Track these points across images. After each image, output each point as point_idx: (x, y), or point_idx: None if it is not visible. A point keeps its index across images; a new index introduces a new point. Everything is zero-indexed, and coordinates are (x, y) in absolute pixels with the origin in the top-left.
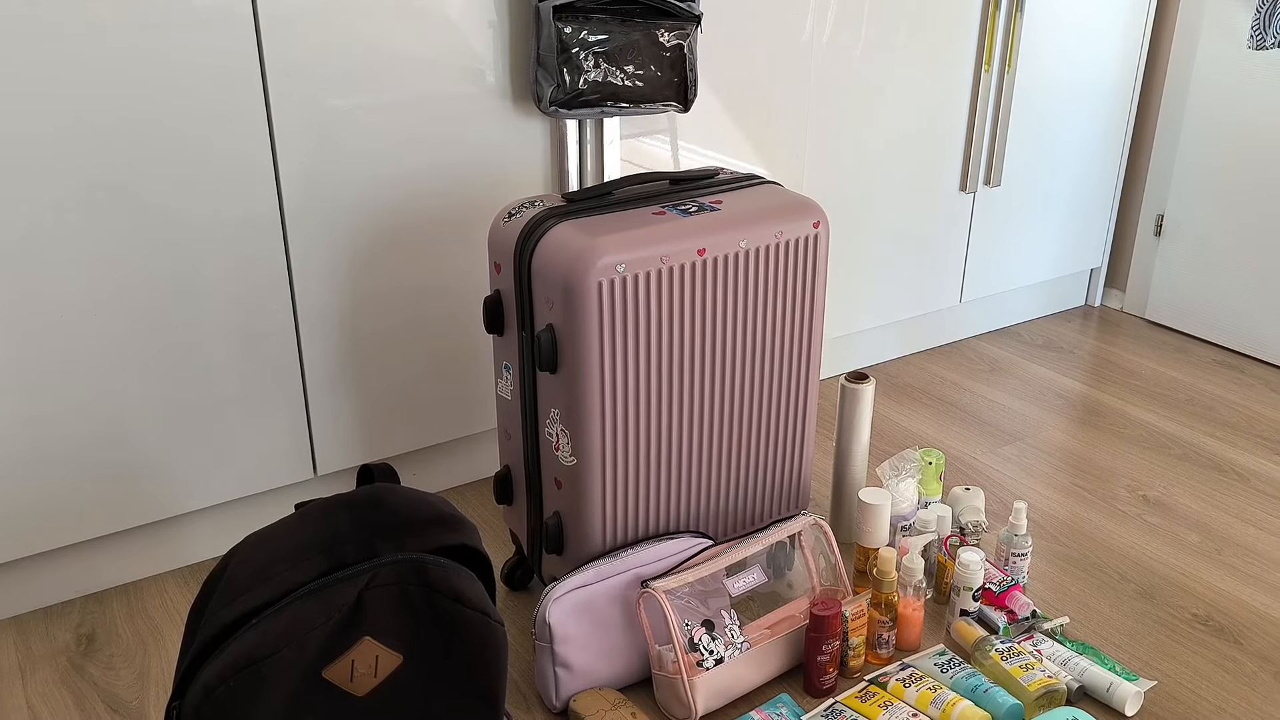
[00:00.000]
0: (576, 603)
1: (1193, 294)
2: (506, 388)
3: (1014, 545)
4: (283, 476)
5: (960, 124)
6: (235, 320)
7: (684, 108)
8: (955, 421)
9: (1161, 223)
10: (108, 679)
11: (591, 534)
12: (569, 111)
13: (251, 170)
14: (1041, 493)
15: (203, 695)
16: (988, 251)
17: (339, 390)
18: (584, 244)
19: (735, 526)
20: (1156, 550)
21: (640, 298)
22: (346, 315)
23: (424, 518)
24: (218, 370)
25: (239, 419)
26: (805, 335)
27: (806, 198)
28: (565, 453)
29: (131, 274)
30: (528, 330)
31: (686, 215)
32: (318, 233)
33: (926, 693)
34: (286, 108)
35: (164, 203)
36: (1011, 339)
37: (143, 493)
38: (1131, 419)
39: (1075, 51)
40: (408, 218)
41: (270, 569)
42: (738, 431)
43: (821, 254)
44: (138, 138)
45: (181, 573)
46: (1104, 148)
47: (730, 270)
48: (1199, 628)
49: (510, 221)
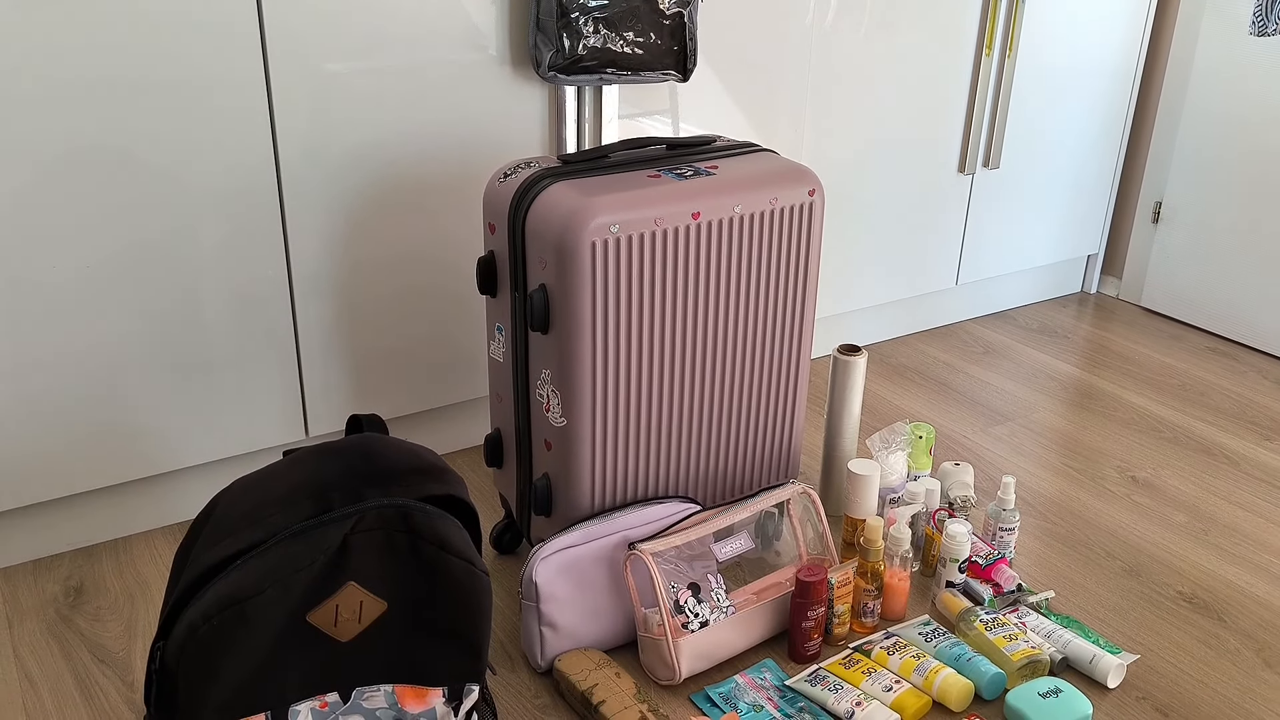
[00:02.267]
0: (563, 563)
1: (1188, 281)
2: (499, 349)
3: (1001, 520)
4: (275, 436)
5: (960, 105)
6: (230, 280)
7: (683, 77)
8: (948, 401)
9: (1159, 209)
10: (95, 630)
11: (580, 496)
12: (567, 77)
13: (249, 132)
14: (1031, 471)
15: (187, 634)
16: (985, 234)
17: (332, 352)
18: (578, 204)
19: (724, 493)
20: (1144, 529)
21: (634, 259)
22: (341, 278)
23: (411, 467)
24: (212, 329)
25: (232, 378)
26: (799, 302)
27: (802, 165)
28: (555, 414)
29: (127, 233)
30: (520, 291)
31: (681, 179)
32: (314, 195)
33: (910, 660)
34: (285, 70)
35: (160, 162)
36: (1007, 323)
37: (135, 448)
38: (1124, 403)
39: (1077, 37)
40: (404, 182)
41: (257, 512)
42: (729, 397)
43: (816, 221)
44: (134, 96)
45: (172, 529)
46: (1103, 133)
47: (724, 235)
48: (1183, 605)
49: (505, 181)
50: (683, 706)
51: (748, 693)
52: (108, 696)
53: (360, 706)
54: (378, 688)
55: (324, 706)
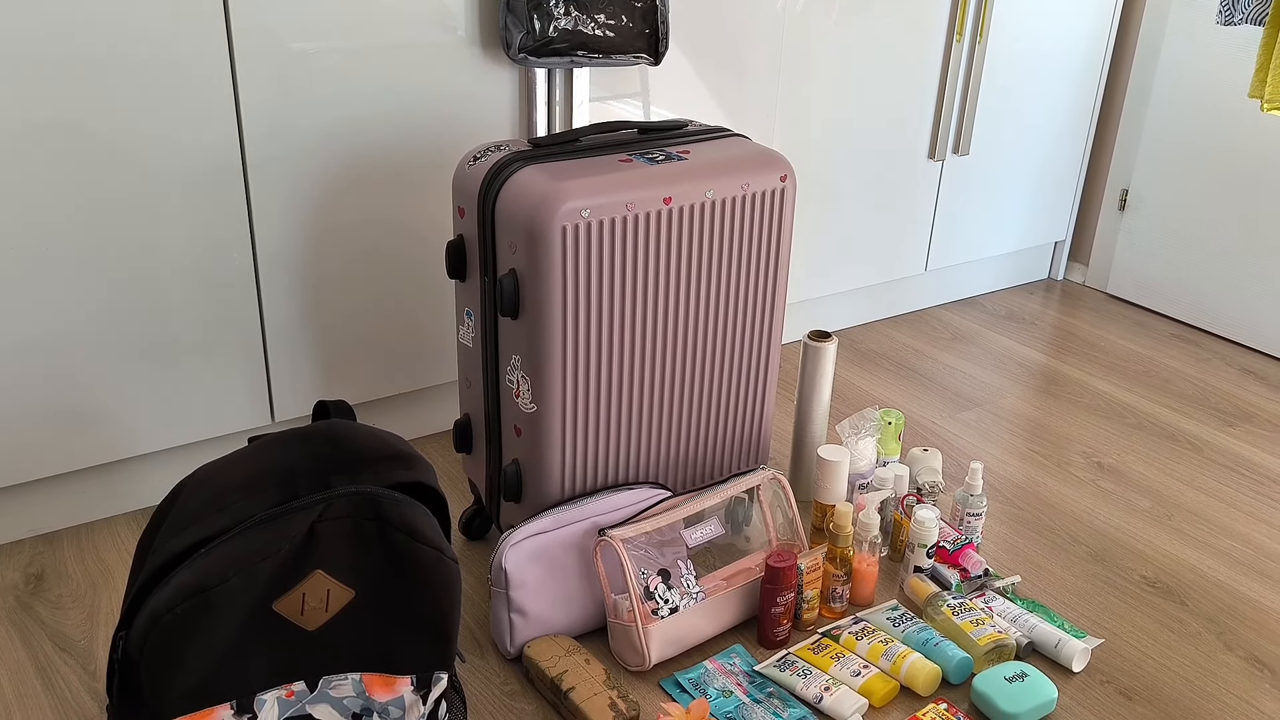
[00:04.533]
0: (533, 549)
1: (1154, 269)
2: (468, 334)
3: (969, 505)
4: (240, 421)
5: (931, 92)
6: (194, 263)
7: (655, 60)
8: (916, 387)
9: (1126, 197)
10: (56, 618)
11: (550, 482)
12: (538, 60)
13: (212, 110)
14: (998, 457)
15: (150, 623)
16: (954, 220)
17: (298, 336)
18: (549, 188)
19: (694, 479)
20: (1108, 515)
21: (605, 244)
22: (308, 261)
23: (380, 454)
24: (175, 312)
25: (196, 362)
26: (770, 288)
27: (774, 151)
28: (525, 399)
29: (87, 214)
30: (490, 275)
31: (653, 163)
32: (280, 176)
33: (878, 645)
34: (250, 48)
35: (120, 141)
36: (975, 309)
37: (95, 434)
38: (1089, 389)
39: (1046, 24)
40: (372, 165)
41: (222, 499)
42: (700, 383)
43: (788, 207)
44: (92, 71)
45: (134, 515)
46: (1071, 121)
47: (696, 220)
48: (1147, 589)
49: (475, 165)
50: (652, 692)
51: (717, 678)
52: (69, 685)
53: (328, 695)
54: (345, 676)
55: (290, 695)
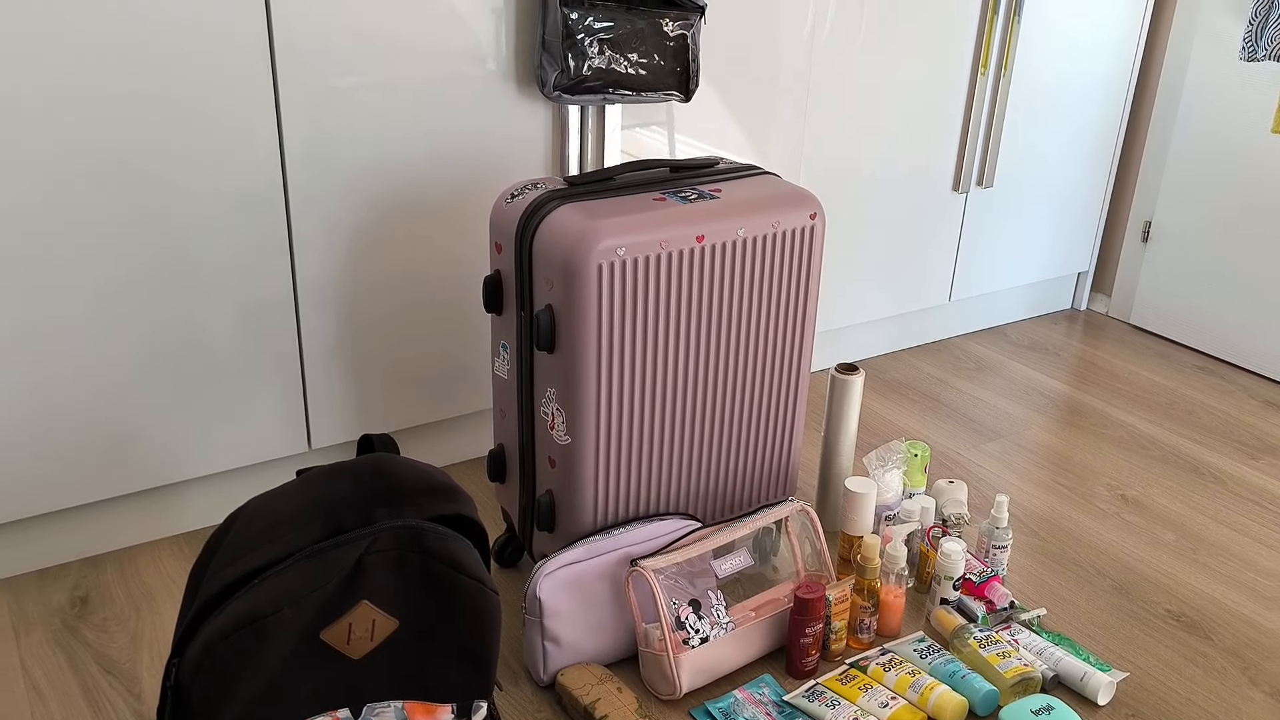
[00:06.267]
0: (567, 578)
1: (1177, 300)
2: (503, 367)
3: (994, 538)
4: (277, 449)
5: (955, 124)
6: (235, 292)
7: (685, 97)
8: (941, 417)
9: (1149, 229)
10: (101, 641)
11: (583, 512)
12: (572, 97)
13: (256, 145)
14: (1023, 488)
15: (204, 651)
16: (978, 251)
17: (335, 365)
18: (585, 226)
19: (723, 510)
20: (1133, 548)
21: (639, 281)
22: (345, 291)
23: (422, 487)
24: (216, 341)
25: (236, 390)
26: (799, 324)
27: (803, 189)
28: (560, 431)
29: (134, 246)
30: (526, 310)
31: (686, 202)
32: (320, 208)
33: (905, 677)
34: (294, 84)
35: (167, 175)
36: (998, 339)
37: (138, 460)
38: (1113, 420)
39: (1070, 57)
40: (409, 196)
41: (273, 531)
42: (729, 416)
43: (817, 245)
44: (145, 110)
45: (175, 540)
46: (1095, 153)
47: (728, 258)
48: (1171, 623)
49: (512, 203)
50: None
51: (746, 707)
52: (115, 708)
53: None
54: (388, 704)
55: None
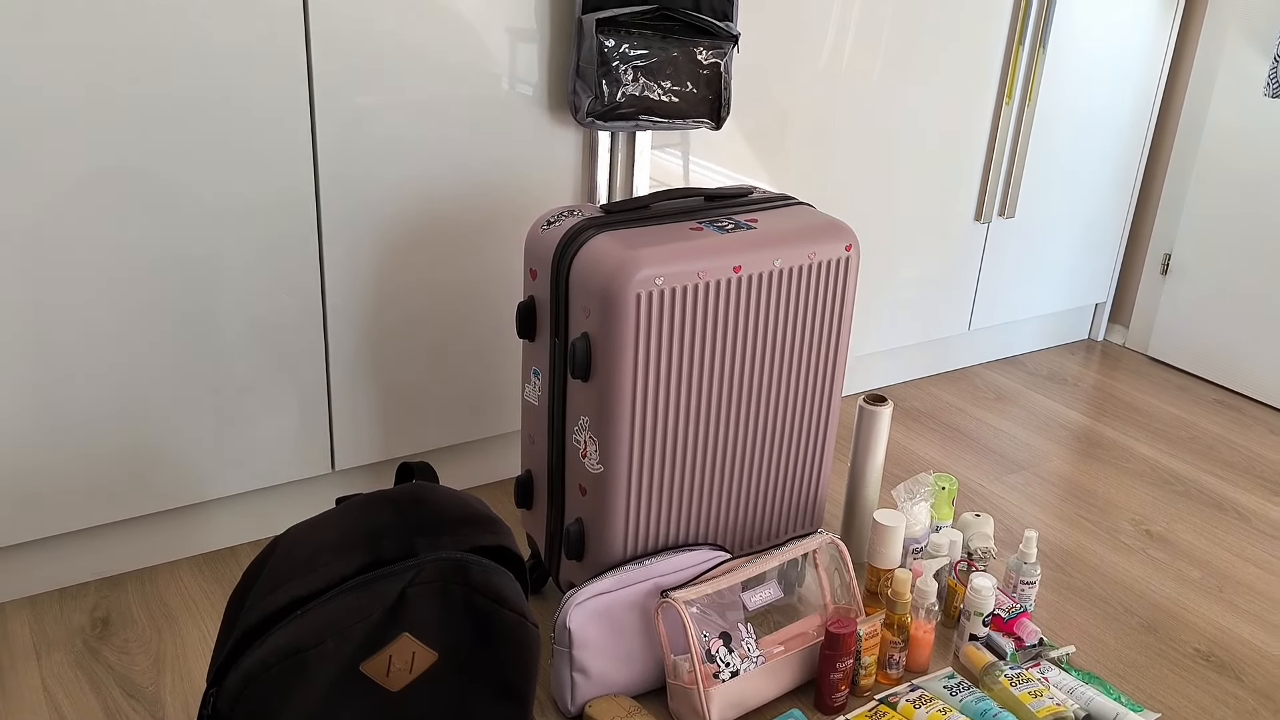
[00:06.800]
0: (596, 609)
1: (1195, 333)
2: (534, 393)
3: (1023, 573)
4: (299, 470)
5: (979, 155)
6: (261, 310)
7: (716, 125)
8: (962, 448)
9: (1169, 261)
10: (123, 664)
11: (613, 541)
12: (605, 124)
13: (292, 160)
14: (1047, 522)
15: (244, 682)
16: (998, 281)
17: (361, 386)
18: (624, 255)
19: (750, 540)
20: (1159, 584)
21: (676, 311)
22: (373, 311)
23: (462, 517)
24: (240, 359)
25: (259, 410)
26: (831, 356)
27: (839, 220)
28: (592, 460)
29: (156, 258)
30: (561, 338)
31: (723, 232)
32: (351, 227)
33: (937, 715)
34: (331, 101)
35: (196, 188)
36: (1017, 369)
37: (160, 480)
38: (1135, 454)
39: (1093, 88)
40: (440, 217)
41: (314, 559)
42: (760, 447)
43: (852, 276)
44: (179, 118)
45: (196, 560)
46: (1115, 185)
47: (764, 288)
48: (1201, 663)
49: (549, 229)
50: None
51: None
52: None
53: None
54: None
55: None
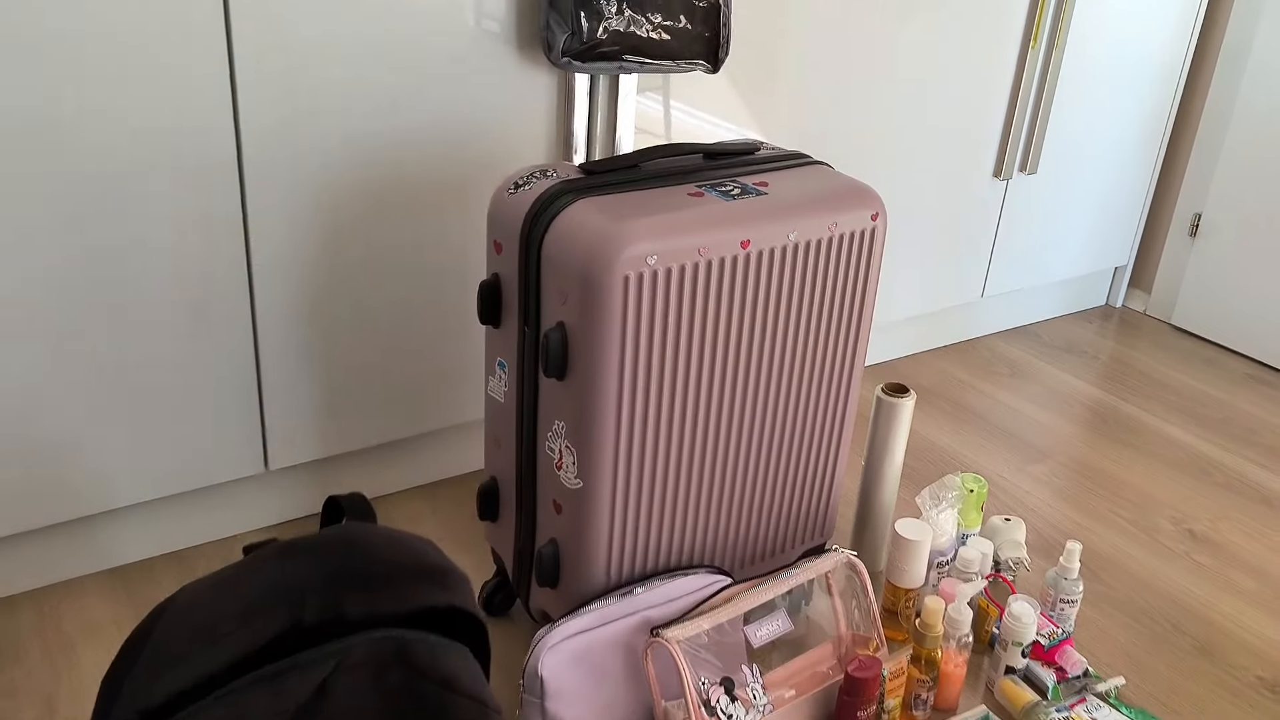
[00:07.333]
0: (574, 651)
1: (1226, 301)
2: (499, 388)
3: (1063, 590)
4: (228, 470)
5: (1001, 103)
6: (177, 289)
7: (713, 68)
8: (979, 432)
9: (1198, 223)
10: (9, 711)
11: (593, 567)
12: (583, 65)
13: (205, 106)
14: (1079, 521)
15: None
16: (1015, 244)
17: (297, 373)
18: (609, 228)
19: (753, 554)
20: (1210, 596)
21: (672, 295)
22: (309, 287)
23: (405, 568)
24: (155, 347)
25: (178, 403)
26: (850, 345)
27: (863, 184)
28: (569, 473)
29: (55, 231)
30: (533, 326)
31: (729, 199)
32: (281, 191)
33: None
34: (251, 44)
35: (92, 139)
36: (1030, 340)
37: (60, 486)
38: (1168, 439)
39: (1124, 29)
40: (388, 178)
41: (213, 630)
42: (767, 453)
43: (877, 251)
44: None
45: (104, 577)
46: (1144, 136)
47: (776, 266)
48: (1265, 694)
49: (517, 194)
50: None
51: None
52: None
53: None
54: None
55: None
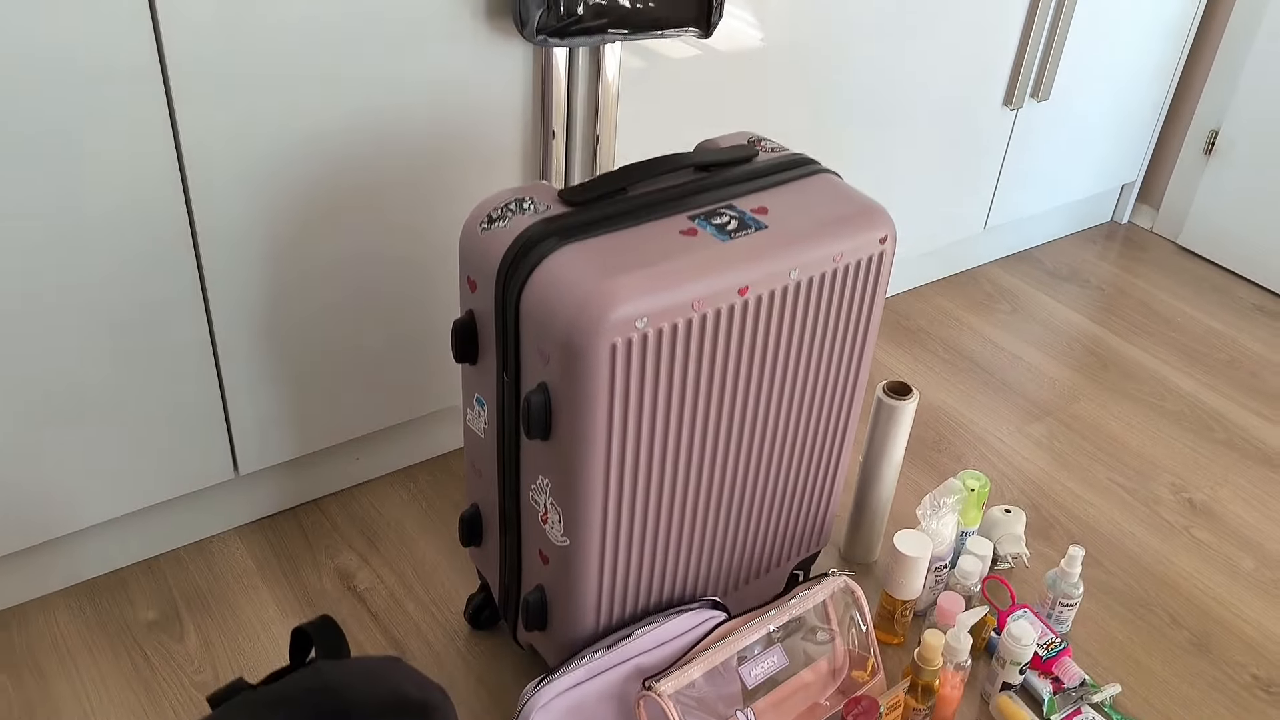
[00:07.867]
0: (565, 708)
1: (1239, 225)
2: (478, 423)
3: (1062, 592)
4: (197, 480)
5: (1017, 23)
6: (128, 305)
7: (705, 32)
8: (975, 385)
9: (1214, 140)
10: None
11: (582, 615)
12: (561, 40)
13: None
14: (1077, 492)
15: None
16: (1021, 174)
17: (260, 372)
18: (593, 289)
19: (744, 577)
20: (1208, 581)
21: (663, 358)
22: (267, 289)
23: (383, 709)
24: (107, 367)
25: (140, 418)
26: (851, 376)
27: (872, 202)
28: (555, 529)
29: None
30: (511, 375)
31: (725, 237)
32: (228, 193)
33: None
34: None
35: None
36: (1031, 266)
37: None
38: (1170, 388)
39: None
40: (346, 169)
41: None
42: (761, 487)
43: (884, 276)
44: None
45: (73, 592)
46: (1164, 50)
47: (775, 309)
48: (1261, 695)
49: (491, 230)
50: None
51: None
52: None
53: None
54: None
55: None
